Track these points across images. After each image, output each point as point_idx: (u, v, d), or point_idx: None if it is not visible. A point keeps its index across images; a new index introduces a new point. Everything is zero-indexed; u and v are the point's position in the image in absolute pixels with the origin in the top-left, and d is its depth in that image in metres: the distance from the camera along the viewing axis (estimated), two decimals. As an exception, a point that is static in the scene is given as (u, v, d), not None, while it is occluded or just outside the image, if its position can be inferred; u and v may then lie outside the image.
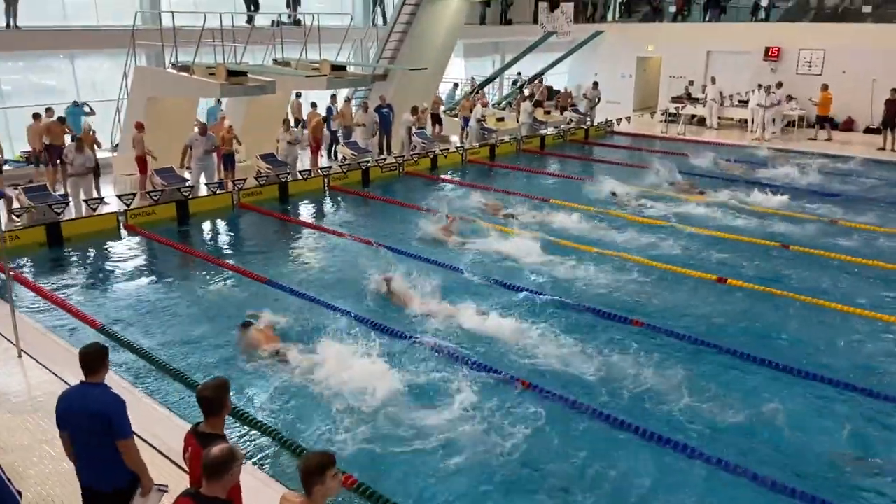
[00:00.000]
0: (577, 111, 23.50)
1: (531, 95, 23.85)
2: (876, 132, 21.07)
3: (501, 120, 21.85)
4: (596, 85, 23.68)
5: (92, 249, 11.74)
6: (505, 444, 6.18)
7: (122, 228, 12.57)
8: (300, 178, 15.53)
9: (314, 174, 16.01)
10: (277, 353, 7.74)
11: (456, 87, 25.24)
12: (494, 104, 25.25)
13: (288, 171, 15.24)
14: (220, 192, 14.16)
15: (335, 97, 18.30)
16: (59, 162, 14.09)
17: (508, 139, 20.26)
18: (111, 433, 4.14)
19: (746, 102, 22.67)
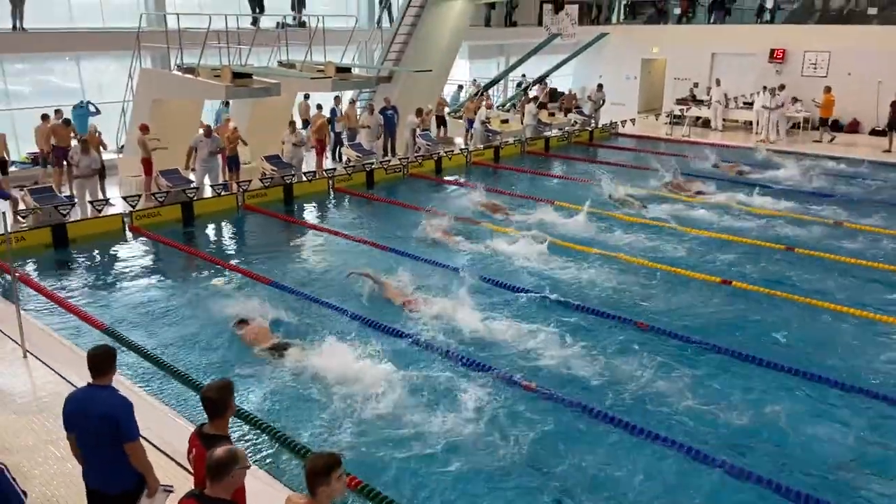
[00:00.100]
0: (581, 113, 23.48)
1: (536, 97, 23.84)
2: (881, 134, 21.04)
3: (506, 122, 21.87)
4: (600, 87, 23.64)
5: (97, 251, 11.78)
6: (507, 445, 6.17)
7: (127, 230, 12.61)
8: (305, 179, 15.56)
9: (319, 176, 16.04)
10: (274, 348, 7.77)
11: (460, 88, 25.21)
12: (499, 106, 25.25)
13: (293, 172, 15.28)
14: (224, 193, 14.19)
15: (339, 99, 18.32)
16: (65, 163, 14.15)
17: (513, 141, 20.27)
18: (119, 436, 4.15)
19: (751, 104, 22.62)
